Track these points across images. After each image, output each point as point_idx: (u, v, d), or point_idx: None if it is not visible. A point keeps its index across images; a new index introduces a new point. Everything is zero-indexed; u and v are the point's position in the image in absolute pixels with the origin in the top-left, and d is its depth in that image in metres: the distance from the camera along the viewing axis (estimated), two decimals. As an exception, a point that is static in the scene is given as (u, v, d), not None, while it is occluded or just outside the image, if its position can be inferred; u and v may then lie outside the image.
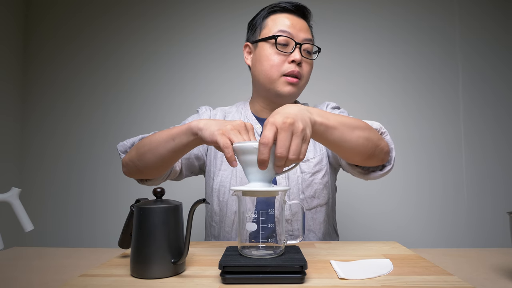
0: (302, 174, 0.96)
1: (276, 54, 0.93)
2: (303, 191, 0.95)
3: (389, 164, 0.83)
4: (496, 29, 1.80)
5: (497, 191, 1.75)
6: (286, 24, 0.93)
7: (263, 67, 0.95)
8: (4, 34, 1.78)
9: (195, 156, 1.02)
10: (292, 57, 0.91)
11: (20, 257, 0.77)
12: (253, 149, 0.59)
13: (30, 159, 1.88)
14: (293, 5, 0.96)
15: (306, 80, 0.97)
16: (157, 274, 0.57)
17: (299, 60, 0.91)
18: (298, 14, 0.96)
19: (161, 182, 0.96)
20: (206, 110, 1.08)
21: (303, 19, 0.97)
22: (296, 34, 0.93)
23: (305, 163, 0.97)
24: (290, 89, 0.93)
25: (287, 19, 0.94)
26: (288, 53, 0.92)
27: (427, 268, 0.62)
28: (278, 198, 0.62)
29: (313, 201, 0.96)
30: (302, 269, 0.55)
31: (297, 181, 0.96)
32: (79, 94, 1.89)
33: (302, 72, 0.94)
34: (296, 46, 0.92)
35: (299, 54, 0.91)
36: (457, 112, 1.79)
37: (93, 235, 1.83)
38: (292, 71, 0.91)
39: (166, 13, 1.89)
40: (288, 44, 0.93)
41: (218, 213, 0.99)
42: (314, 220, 0.97)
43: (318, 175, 0.97)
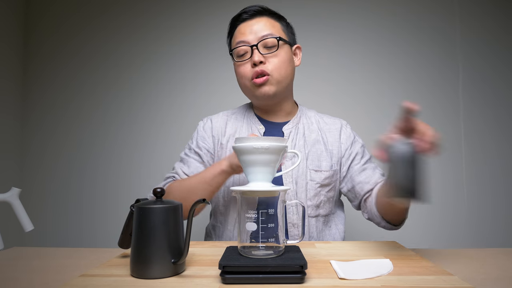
0: (311, 182, 0.97)
1: (239, 66, 0.98)
2: (310, 198, 0.97)
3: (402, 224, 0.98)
4: (497, 29, 1.80)
5: (497, 191, 1.75)
6: (242, 32, 0.97)
7: (239, 82, 1.01)
8: (5, 32, 1.78)
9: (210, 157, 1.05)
10: (251, 60, 0.94)
11: (20, 257, 0.77)
12: (253, 149, 0.59)
13: (30, 158, 1.88)
14: (247, 13, 0.98)
15: (279, 73, 0.95)
16: (157, 274, 0.57)
17: (257, 61, 0.93)
18: (254, 17, 0.98)
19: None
20: (207, 122, 1.08)
21: (260, 17, 0.98)
22: (252, 38, 0.95)
23: (317, 172, 0.98)
24: (261, 90, 0.95)
25: (243, 28, 0.97)
26: (248, 59, 0.95)
27: (427, 268, 0.62)
28: (278, 198, 0.62)
29: (317, 210, 0.98)
30: (302, 269, 0.55)
31: (306, 188, 0.97)
32: (80, 93, 1.89)
33: (269, 68, 0.94)
34: (252, 49, 0.94)
35: (257, 55, 0.93)
36: (457, 112, 1.79)
37: (93, 235, 1.84)
38: (256, 72, 0.93)
39: (166, 13, 1.89)
40: (247, 51, 0.96)
41: (224, 213, 1.00)
42: (316, 228, 0.98)
43: (326, 188, 0.98)
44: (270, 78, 0.94)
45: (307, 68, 1.67)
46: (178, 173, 1.01)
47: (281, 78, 0.96)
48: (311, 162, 0.98)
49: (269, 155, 0.60)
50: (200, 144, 1.04)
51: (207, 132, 1.06)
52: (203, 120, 1.11)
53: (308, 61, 1.78)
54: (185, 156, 1.05)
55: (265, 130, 1.02)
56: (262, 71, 0.93)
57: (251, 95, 0.99)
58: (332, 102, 1.80)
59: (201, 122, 1.10)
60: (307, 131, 1.03)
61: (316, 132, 1.03)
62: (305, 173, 0.97)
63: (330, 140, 1.02)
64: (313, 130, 1.03)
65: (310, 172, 0.97)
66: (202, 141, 1.05)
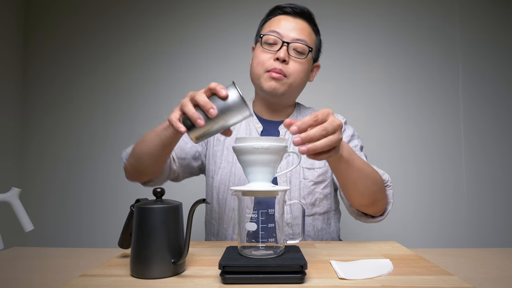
0: (305, 181, 0.97)
1: (262, 52, 0.96)
2: (304, 197, 0.96)
3: (382, 216, 0.89)
4: (497, 29, 1.80)
5: (497, 191, 1.75)
6: (278, 25, 0.96)
7: (253, 65, 0.99)
8: (5, 33, 1.78)
9: (192, 157, 1.02)
10: (277, 54, 0.93)
11: (20, 257, 0.77)
12: (253, 149, 0.59)
13: (30, 158, 1.88)
14: (292, 8, 0.97)
15: (294, 79, 0.95)
16: (157, 274, 0.57)
17: (282, 57, 0.92)
18: (298, 16, 0.98)
19: (162, 182, 0.98)
20: None
21: (302, 20, 0.97)
22: (286, 34, 0.94)
23: (310, 170, 0.97)
24: (272, 84, 0.94)
25: (282, 20, 0.96)
26: (274, 51, 0.94)
27: (427, 268, 0.62)
28: (278, 198, 0.62)
29: (312, 208, 0.97)
30: (302, 269, 0.55)
31: (299, 186, 0.96)
32: (79, 93, 1.89)
33: (288, 71, 0.94)
34: (283, 45, 0.93)
35: (284, 52, 0.92)
36: (457, 112, 1.79)
37: (93, 235, 1.83)
38: (274, 68, 0.93)
39: (166, 13, 1.89)
40: (277, 43, 0.94)
41: (218, 211, 1.00)
42: (313, 227, 0.98)
43: (320, 186, 0.98)
44: (285, 79, 0.94)
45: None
46: None
47: (294, 84, 0.96)
48: (305, 160, 0.98)
49: (269, 155, 0.60)
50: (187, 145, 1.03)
51: None
52: None
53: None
54: None
55: (263, 129, 1.02)
56: (281, 71, 0.93)
57: (259, 85, 0.97)
58: (332, 102, 1.80)
59: None
60: None
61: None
62: (299, 172, 0.97)
63: None
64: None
65: (304, 171, 0.97)
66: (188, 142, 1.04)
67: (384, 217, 0.88)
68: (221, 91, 0.63)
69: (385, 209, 0.88)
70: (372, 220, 0.89)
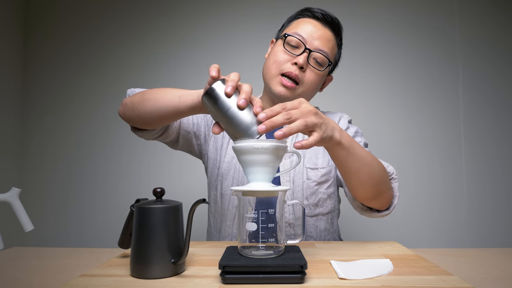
0: (308, 181, 0.96)
1: (282, 52, 0.93)
2: (307, 197, 0.95)
3: (388, 210, 0.85)
4: (496, 29, 1.80)
5: (497, 191, 1.75)
6: (305, 29, 0.93)
7: (268, 61, 0.96)
8: (5, 32, 1.78)
9: (194, 134, 1.01)
10: (296, 59, 0.91)
11: (20, 257, 0.77)
12: (253, 149, 0.59)
13: (30, 158, 1.88)
14: (322, 14, 0.95)
15: (307, 88, 0.94)
16: (157, 274, 0.57)
17: (301, 64, 0.90)
18: (326, 24, 0.96)
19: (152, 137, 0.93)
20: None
21: (329, 31, 0.96)
22: (310, 41, 0.92)
23: (313, 170, 0.97)
24: (282, 90, 0.92)
25: (310, 25, 0.94)
26: (295, 55, 0.92)
27: (427, 268, 0.62)
28: (278, 198, 0.62)
29: (316, 209, 0.96)
30: (302, 269, 0.55)
31: (302, 186, 0.96)
32: (79, 93, 1.89)
33: (303, 78, 0.92)
34: (304, 51, 0.91)
35: (304, 59, 0.90)
36: (457, 112, 1.79)
37: (93, 235, 1.83)
38: (290, 72, 0.91)
39: (166, 13, 1.89)
40: (299, 47, 0.92)
41: (220, 205, 0.99)
42: (315, 228, 0.97)
43: (324, 185, 0.97)
44: (296, 87, 0.92)
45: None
46: None
47: (304, 94, 0.95)
48: (308, 160, 0.97)
49: (269, 155, 0.60)
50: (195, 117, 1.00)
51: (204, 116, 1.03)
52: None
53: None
54: None
55: None
56: (296, 76, 0.91)
57: (269, 83, 0.95)
58: (332, 101, 1.80)
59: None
60: None
61: None
62: (302, 172, 0.96)
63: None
64: None
65: (307, 171, 0.96)
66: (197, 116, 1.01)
67: (390, 211, 0.85)
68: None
69: (391, 203, 0.85)
70: (378, 215, 0.86)
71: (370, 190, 0.79)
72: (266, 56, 1.01)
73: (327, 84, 1.06)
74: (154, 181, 1.83)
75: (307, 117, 0.62)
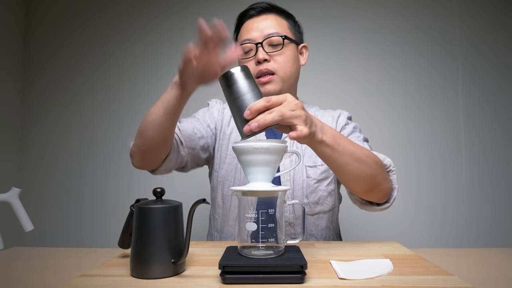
0: (308, 179, 0.96)
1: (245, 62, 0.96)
2: (307, 196, 0.95)
3: (387, 203, 0.85)
4: (496, 29, 1.80)
5: (497, 191, 1.75)
6: (248, 31, 0.97)
7: None
8: (5, 32, 1.78)
9: (201, 148, 1.01)
10: (256, 58, 0.94)
11: (20, 257, 0.77)
12: (253, 149, 0.59)
13: (30, 158, 1.88)
14: (255, 10, 0.98)
15: (284, 71, 0.95)
16: (157, 274, 0.57)
17: (261, 58, 0.93)
18: (261, 14, 0.98)
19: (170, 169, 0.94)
20: (217, 103, 1.10)
21: (267, 15, 0.98)
22: (258, 35, 0.95)
23: (312, 168, 0.97)
24: (266, 88, 0.94)
25: (250, 24, 0.97)
26: (253, 56, 0.95)
27: (427, 268, 0.62)
28: (278, 198, 0.62)
29: (316, 207, 0.96)
30: (302, 269, 0.55)
31: (302, 185, 0.96)
32: (79, 94, 1.89)
33: (274, 66, 0.94)
34: (257, 47, 0.94)
35: (262, 52, 0.93)
36: (457, 112, 1.79)
37: (93, 235, 1.83)
38: (260, 71, 0.93)
39: (166, 13, 1.89)
40: (252, 48, 0.95)
41: (222, 206, 1.00)
42: (316, 226, 0.97)
43: (324, 183, 0.97)
44: (275, 77, 0.94)
45: (307, 68, 1.67)
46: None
47: (285, 76, 0.95)
48: (307, 159, 0.98)
49: (269, 155, 0.60)
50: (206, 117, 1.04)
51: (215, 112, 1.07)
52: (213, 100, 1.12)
53: (308, 60, 1.78)
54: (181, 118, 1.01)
55: None
56: (267, 70, 0.93)
57: None
58: (332, 101, 1.80)
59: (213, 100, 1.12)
60: None
61: None
62: (302, 171, 0.96)
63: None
64: None
65: (306, 169, 0.97)
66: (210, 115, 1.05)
67: (390, 204, 0.84)
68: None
69: (390, 195, 0.84)
70: (378, 208, 0.85)
71: (363, 184, 0.78)
72: None
73: (305, 54, 1.06)
74: (154, 181, 1.82)
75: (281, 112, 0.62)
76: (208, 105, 1.12)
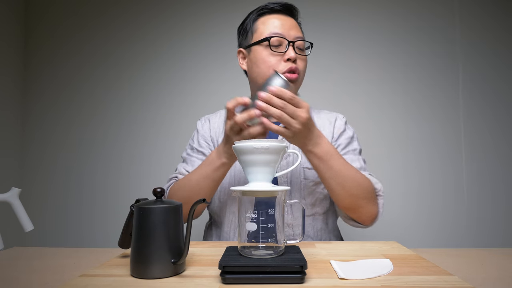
0: (306, 181, 0.96)
1: (271, 55, 0.94)
2: (305, 197, 0.96)
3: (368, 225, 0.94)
4: (497, 29, 1.80)
5: (497, 191, 1.75)
6: (276, 25, 0.95)
7: (260, 70, 0.96)
8: (5, 31, 1.78)
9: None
10: (287, 55, 0.93)
11: (20, 257, 0.77)
12: (253, 149, 0.59)
13: (30, 158, 1.88)
14: (281, 5, 0.98)
15: (303, 76, 0.98)
16: (157, 274, 0.57)
17: (294, 57, 0.92)
18: (286, 13, 0.98)
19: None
20: (205, 122, 1.09)
21: (291, 17, 0.99)
22: (287, 33, 0.94)
23: (311, 170, 0.97)
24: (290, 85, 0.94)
25: (276, 20, 0.96)
26: (282, 52, 0.94)
27: (427, 268, 0.62)
28: (278, 198, 0.61)
29: (312, 208, 0.97)
30: (302, 269, 0.55)
31: (300, 186, 0.96)
32: (80, 92, 1.89)
33: (298, 68, 0.95)
34: (289, 45, 0.93)
35: (293, 51, 0.93)
36: (457, 112, 1.79)
37: (93, 235, 1.84)
38: (290, 68, 0.93)
39: (166, 13, 1.89)
40: (281, 44, 0.94)
41: (219, 214, 1.00)
42: (312, 227, 0.98)
43: (321, 185, 0.98)
44: (298, 77, 0.95)
45: (308, 67, 1.67)
46: (181, 173, 1.00)
47: (301, 81, 0.98)
48: (305, 160, 0.97)
49: (269, 155, 0.60)
50: (202, 143, 1.04)
51: (206, 132, 1.06)
52: (201, 120, 1.11)
53: (309, 60, 1.78)
54: (187, 156, 1.04)
55: None
56: (296, 69, 0.93)
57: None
58: (332, 101, 1.81)
59: (199, 121, 1.10)
60: None
61: None
62: (299, 172, 0.97)
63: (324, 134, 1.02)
64: None
65: (304, 171, 0.97)
66: (204, 140, 1.05)
67: (370, 225, 0.93)
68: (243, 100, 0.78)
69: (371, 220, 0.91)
70: (358, 225, 0.93)
71: (344, 201, 0.85)
72: (245, 67, 1.02)
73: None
74: (154, 181, 1.83)
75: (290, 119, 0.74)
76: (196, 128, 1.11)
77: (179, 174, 1.01)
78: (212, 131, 1.05)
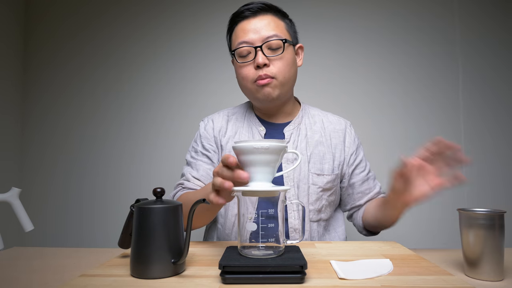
0: (314, 186, 0.96)
1: (242, 67, 0.93)
2: (312, 203, 0.95)
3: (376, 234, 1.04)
4: (496, 29, 1.80)
5: (497, 191, 1.75)
6: (245, 33, 0.92)
7: (240, 83, 0.97)
8: (5, 32, 1.78)
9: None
10: (255, 63, 0.90)
11: (20, 257, 0.77)
12: (253, 149, 0.59)
13: (30, 158, 1.88)
14: (249, 9, 0.93)
15: (283, 76, 0.92)
16: (157, 274, 0.57)
17: (261, 63, 0.89)
18: (257, 14, 0.93)
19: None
20: (208, 122, 1.07)
21: (264, 15, 0.93)
22: (256, 38, 0.90)
23: (319, 176, 0.96)
24: (265, 91, 0.91)
25: (246, 26, 0.92)
26: (251, 60, 0.91)
27: (427, 268, 0.62)
28: (279, 198, 0.61)
29: (318, 214, 0.97)
30: (302, 269, 0.55)
31: (308, 192, 0.95)
32: (80, 93, 1.89)
33: (273, 71, 0.90)
34: (256, 51, 0.90)
35: (262, 57, 0.89)
36: (457, 113, 1.79)
37: (93, 235, 1.84)
38: (259, 76, 0.90)
39: (166, 13, 1.89)
40: (250, 51, 0.91)
41: (223, 215, 0.99)
42: (317, 232, 0.98)
43: (327, 193, 0.98)
44: (274, 81, 0.91)
45: (307, 68, 1.67)
46: (188, 178, 0.99)
47: (285, 81, 0.93)
48: (313, 165, 0.96)
49: (269, 155, 0.60)
50: (206, 145, 1.03)
51: (209, 133, 1.04)
52: (203, 120, 1.09)
53: (308, 60, 1.78)
54: (192, 160, 1.03)
55: (266, 132, 1.00)
56: (266, 75, 0.90)
57: (253, 97, 0.96)
58: (332, 101, 1.81)
59: (202, 122, 1.08)
60: (309, 132, 1.00)
61: (319, 133, 1.01)
62: (307, 177, 0.95)
63: (334, 142, 1.01)
64: (316, 130, 1.01)
65: (312, 176, 0.96)
66: (207, 142, 1.03)
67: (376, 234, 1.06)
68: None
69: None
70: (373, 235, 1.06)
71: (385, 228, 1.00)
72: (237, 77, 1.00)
73: (301, 54, 1.02)
74: (154, 181, 1.83)
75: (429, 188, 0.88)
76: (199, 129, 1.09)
77: (185, 181, 0.99)
78: (216, 130, 1.04)
